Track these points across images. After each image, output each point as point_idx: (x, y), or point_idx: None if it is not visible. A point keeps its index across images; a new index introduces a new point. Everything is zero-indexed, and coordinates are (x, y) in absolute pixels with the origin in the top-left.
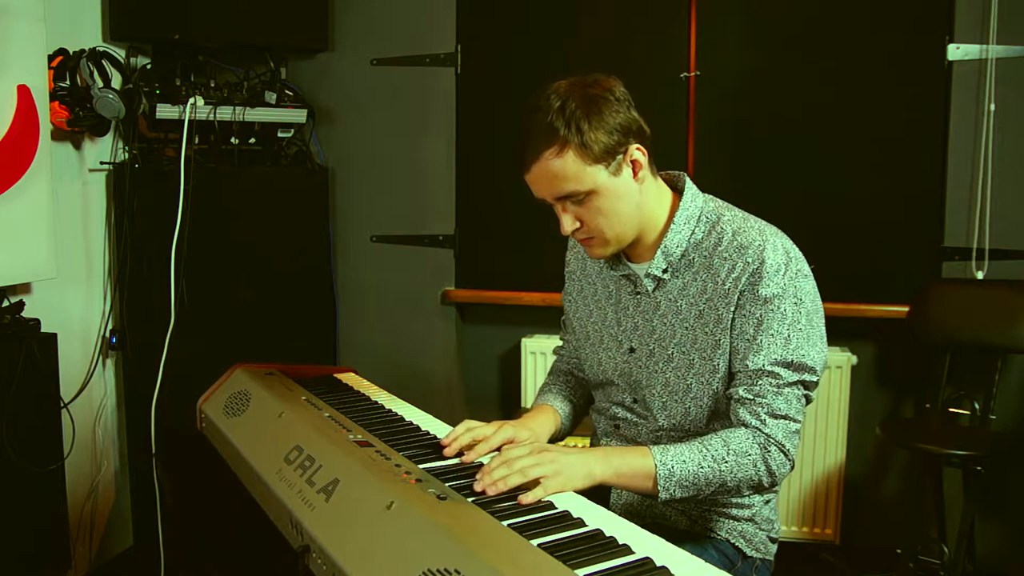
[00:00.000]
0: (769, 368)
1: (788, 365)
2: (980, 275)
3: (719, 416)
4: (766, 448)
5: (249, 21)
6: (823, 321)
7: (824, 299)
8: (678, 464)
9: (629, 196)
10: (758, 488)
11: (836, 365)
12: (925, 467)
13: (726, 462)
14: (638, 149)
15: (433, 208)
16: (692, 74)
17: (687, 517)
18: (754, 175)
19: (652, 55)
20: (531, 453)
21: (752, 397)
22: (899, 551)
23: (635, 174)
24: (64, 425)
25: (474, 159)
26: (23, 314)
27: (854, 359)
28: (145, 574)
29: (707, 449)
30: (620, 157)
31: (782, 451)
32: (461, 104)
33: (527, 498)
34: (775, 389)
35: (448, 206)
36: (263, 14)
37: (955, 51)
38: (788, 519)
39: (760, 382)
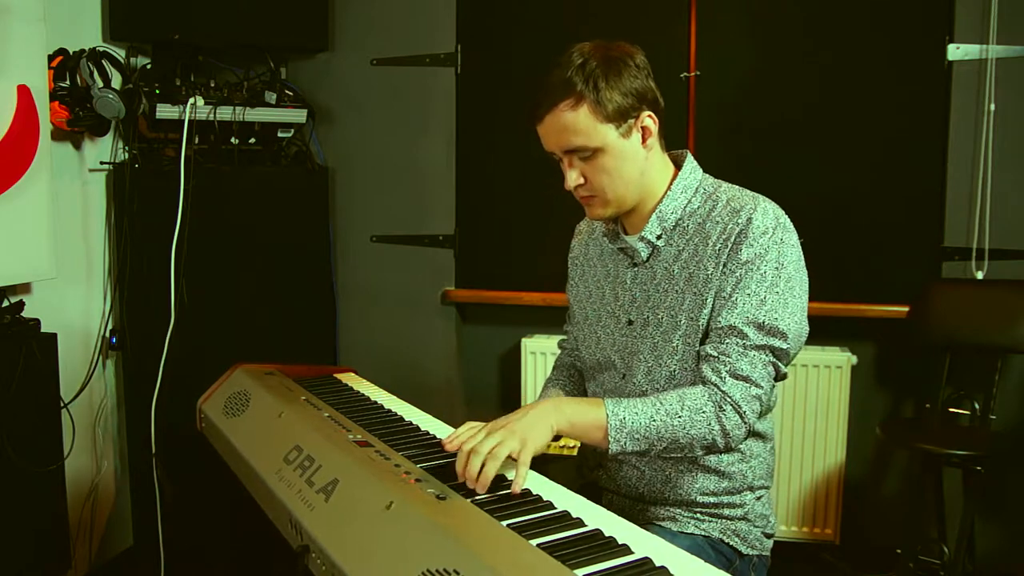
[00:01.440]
0: (739, 326)
1: (759, 326)
2: (980, 275)
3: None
4: (721, 407)
5: (249, 21)
6: (806, 294)
7: (824, 299)
8: (630, 415)
9: (635, 161)
10: (711, 448)
11: (836, 365)
12: (925, 467)
13: (679, 417)
14: (649, 117)
15: (433, 208)
16: (692, 74)
17: (681, 518)
18: (754, 175)
19: (652, 55)
20: (489, 433)
21: (717, 355)
22: (899, 551)
23: (644, 140)
24: (64, 425)
25: (474, 159)
26: (23, 314)
27: (854, 359)
28: (145, 574)
29: (661, 404)
30: (632, 121)
31: (738, 412)
32: (461, 104)
33: (516, 487)
34: (740, 349)
35: (448, 206)
36: (263, 14)
37: (955, 51)
38: (788, 519)
39: (727, 340)
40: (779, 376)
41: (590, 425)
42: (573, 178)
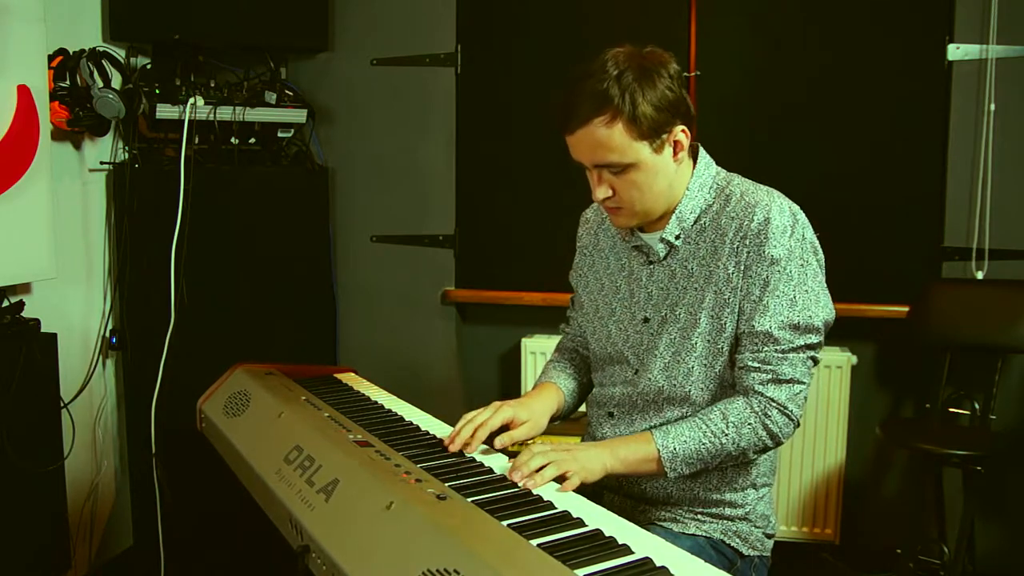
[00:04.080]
0: (774, 332)
1: (794, 328)
2: (980, 275)
3: (723, 380)
4: (765, 414)
5: (249, 21)
6: (824, 276)
7: None
8: (679, 444)
9: (665, 175)
10: (764, 451)
11: (836, 365)
12: (925, 467)
13: (726, 435)
14: (683, 131)
15: (433, 208)
16: (692, 74)
17: (683, 518)
18: (754, 175)
19: None
20: (555, 450)
21: (758, 365)
22: (899, 551)
23: (675, 154)
24: (64, 425)
25: (474, 159)
26: (23, 314)
27: (854, 359)
28: (145, 574)
29: (706, 425)
30: (665, 136)
31: (784, 413)
32: (461, 104)
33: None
34: (779, 355)
35: (448, 206)
36: (263, 14)
37: (955, 51)
38: (788, 519)
39: (766, 348)
40: (815, 363)
41: (643, 460)
42: (602, 192)
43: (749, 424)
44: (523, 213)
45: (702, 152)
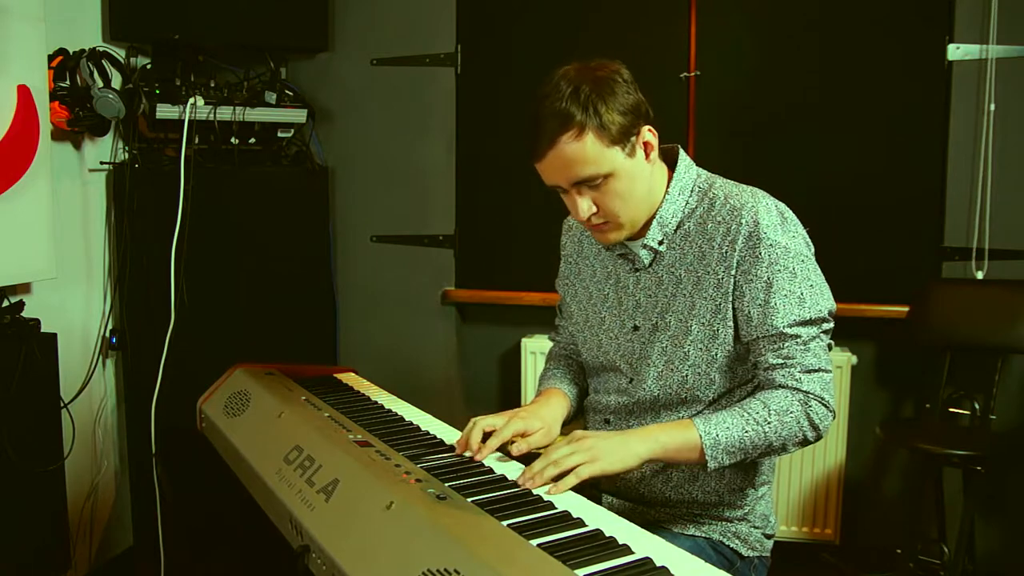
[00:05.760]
0: (791, 331)
1: (808, 323)
2: (980, 275)
3: (718, 386)
4: (806, 403)
5: (249, 21)
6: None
7: None
8: (722, 432)
9: (642, 178)
10: (804, 443)
11: (836, 365)
12: (925, 467)
13: (769, 423)
14: (649, 131)
15: (433, 208)
16: (692, 74)
17: (681, 521)
18: (754, 175)
19: (652, 55)
20: (576, 452)
21: (783, 361)
22: (899, 551)
23: (647, 155)
24: (64, 425)
25: (474, 159)
26: (23, 314)
27: (854, 359)
28: (145, 574)
29: (748, 413)
30: (634, 139)
31: (822, 403)
32: (461, 104)
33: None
34: (801, 348)
35: (448, 206)
36: (263, 14)
37: (955, 51)
38: (788, 519)
39: (786, 345)
40: (830, 348)
41: (683, 447)
42: (585, 209)
43: (791, 413)
44: (523, 213)
45: (682, 155)
